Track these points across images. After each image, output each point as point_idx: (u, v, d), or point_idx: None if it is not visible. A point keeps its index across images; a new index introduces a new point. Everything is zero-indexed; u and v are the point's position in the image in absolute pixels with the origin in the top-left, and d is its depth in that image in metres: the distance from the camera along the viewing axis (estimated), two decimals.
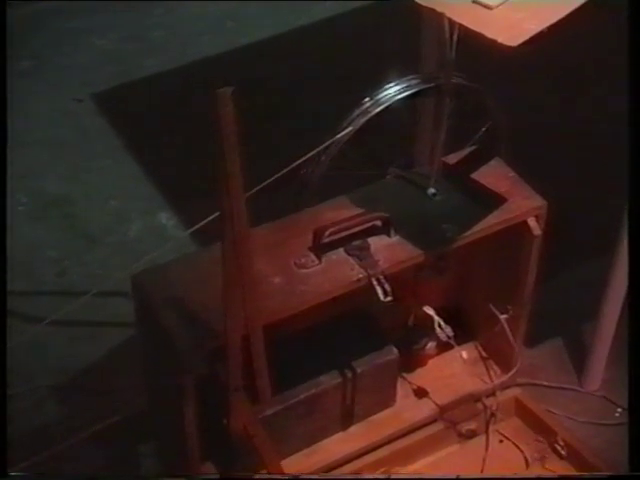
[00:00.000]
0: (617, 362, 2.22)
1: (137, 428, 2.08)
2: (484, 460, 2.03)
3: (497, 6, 1.53)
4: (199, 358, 1.61)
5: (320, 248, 1.74)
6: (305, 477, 1.87)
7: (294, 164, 1.86)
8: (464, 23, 1.50)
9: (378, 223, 1.78)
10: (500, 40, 1.45)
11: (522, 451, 2.06)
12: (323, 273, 1.72)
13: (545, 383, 2.22)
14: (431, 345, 2.05)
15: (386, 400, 2.02)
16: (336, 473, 1.94)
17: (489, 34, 1.45)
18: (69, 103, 3.06)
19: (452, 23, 1.60)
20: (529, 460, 2.04)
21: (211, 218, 1.56)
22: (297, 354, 1.88)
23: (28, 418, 2.15)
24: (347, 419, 1.98)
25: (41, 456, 2.02)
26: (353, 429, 1.99)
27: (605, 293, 2.11)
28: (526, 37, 1.46)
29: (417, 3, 1.52)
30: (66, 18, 3.37)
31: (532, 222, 1.86)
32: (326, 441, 1.96)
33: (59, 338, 2.30)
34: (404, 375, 2.07)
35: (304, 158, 1.91)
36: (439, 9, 1.51)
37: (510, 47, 1.44)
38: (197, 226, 1.79)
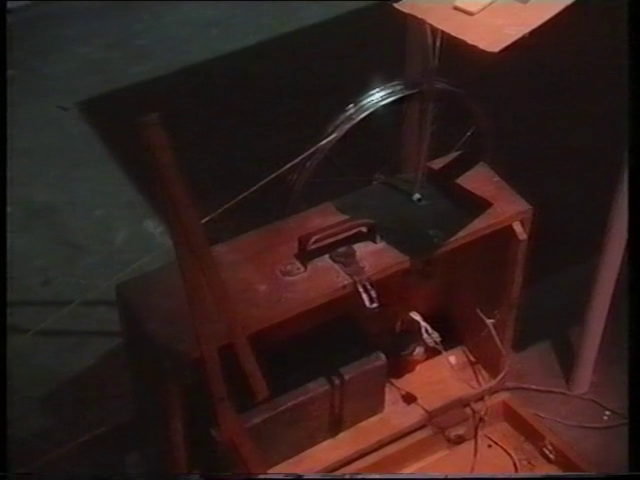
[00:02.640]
0: (605, 365, 2.22)
1: (124, 437, 2.07)
2: (473, 465, 2.03)
3: (478, 12, 1.53)
4: (184, 367, 1.61)
5: (305, 255, 1.73)
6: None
7: (279, 171, 1.86)
8: (445, 29, 1.50)
9: (363, 229, 1.78)
10: (481, 46, 1.45)
11: (511, 456, 2.06)
12: (309, 280, 1.72)
13: (533, 387, 2.22)
14: (419, 351, 2.04)
15: (374, 406, 2.02)
16: None
17: (470, 40, 1.45)
18: (54, 111, 3.05)
19: (434, 29, 1.60)
20: (518, 465, 2.04)
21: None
22: (284, 362, 1.88)
23: (14, 429, 2.14)
24: (335, 426, 1.98)
25: (29, 466, 2.01)
26: (342, 436, 1.99)
27: (592, 296, 2.11)
28: (507, 43, 1.46)
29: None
30: (50, 26, 3.36)
31: (517, 226, 1.86)
32: (314, 448, 1.96)
33: (45, 348, 2.29)
34: (392, 381, 2.07)
35: (289, 165, 1.90)
36: (420, 15, 1.51)
37: (491, 53, 1.44)
38: None
